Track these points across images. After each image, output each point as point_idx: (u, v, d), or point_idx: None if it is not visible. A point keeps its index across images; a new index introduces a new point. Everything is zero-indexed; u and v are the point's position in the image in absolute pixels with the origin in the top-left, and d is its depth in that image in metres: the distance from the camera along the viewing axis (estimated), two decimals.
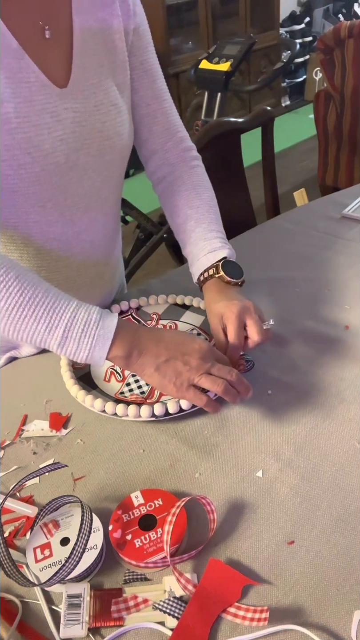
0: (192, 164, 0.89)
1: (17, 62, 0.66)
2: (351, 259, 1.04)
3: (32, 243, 0.77)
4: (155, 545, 0.56)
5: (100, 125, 0.75)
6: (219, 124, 1.41)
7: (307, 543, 0.57)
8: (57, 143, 0.70)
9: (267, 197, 1.60)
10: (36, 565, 0.54)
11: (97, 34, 0.74)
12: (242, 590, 0.52)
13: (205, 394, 0.66)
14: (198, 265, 0.82)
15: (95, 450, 0.69)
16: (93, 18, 0.73)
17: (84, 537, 0.54)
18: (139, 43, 0.80)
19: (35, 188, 0.71)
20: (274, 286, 0.98)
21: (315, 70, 4.82)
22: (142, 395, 0.75)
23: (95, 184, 0.78)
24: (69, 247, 0.81)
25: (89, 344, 0.62)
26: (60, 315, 0.62)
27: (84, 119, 0.73)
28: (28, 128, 0.67)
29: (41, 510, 0.59)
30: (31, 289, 0.62)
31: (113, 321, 0.64)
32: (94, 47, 0.74)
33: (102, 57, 0.75)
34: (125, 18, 0.76)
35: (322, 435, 0.69)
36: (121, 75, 0.78)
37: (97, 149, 0.75)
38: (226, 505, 0.61)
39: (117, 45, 0.76)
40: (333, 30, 2.42)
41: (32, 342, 0.63)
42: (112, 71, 0.76)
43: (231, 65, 2.19)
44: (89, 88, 0.73)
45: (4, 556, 0.53)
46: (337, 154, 2.73)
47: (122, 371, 0.79)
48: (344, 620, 0.50)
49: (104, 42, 0.75)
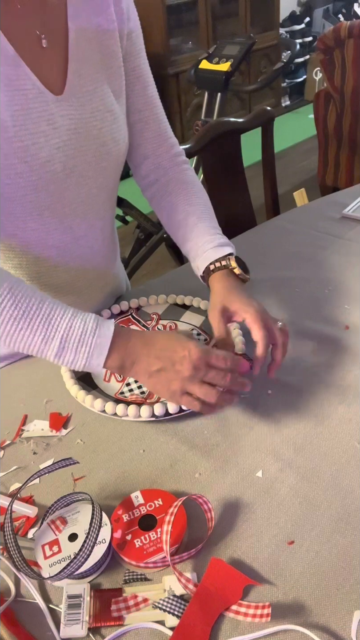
0: (184, 167, 0.90)
1: (14, 70, 0.66)
2: (351, 259, 1.04)
3: (30, 251, 0.77)
4: (155, 545, 0.56)
5: (97, 132, 0.74)
6: (219, 124, 1.41)
7: (307, 543, 0.57)
8: (54, 151, 0.70)
9: (267, 197, 1.60)
10: (45, 561, 0.55)
11: (92, 40, 0.73)
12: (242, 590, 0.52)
13: (198, 400, 0.64)
14: (205, 256, 0.80)
15: (95, 450, 0.69)
16: (88, 24, 0.73)
17: (95, 530, 0.54)
18: (132, 49, 0.80)
19: (32, 196, 0.71)
20: (274, 286, 0.98)
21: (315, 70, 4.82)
22: (142, 395, 0.75)
23: (92, 190, 0.78)
24: (67, 253, 0.81)
25: (86, 353, 0.62)
26: (57, 326, 0.61)
27: (80, 125, 0.72)
28: (25, 136, 0.67)
29: (50, 508, 0.59)
30: (25, 300, 0.61)
31: (110, 329, 0.63)
32: (90, 53, 0.73)
33: (97, 63, 0.75)
34: (119, 22, 0.76)
35: (322, 435, 0.69)
36: (117, 80, 0.78)
37: (94, 156, 0.75)
38: (226, 505, 0.61)
39: (113, 51, 0.76)
40: (333, 30, 2.42)
41: (29, 352, 0.63)
42: (107, 77, 0.76)
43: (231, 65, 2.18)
44: (85, 94, 0.73)
45: (14, 551, 0.54)
46: (337, 154, 2.74)
47: None
48: (344, 620, 0.50)
49: (100, 48, 0.75)
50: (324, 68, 2.56)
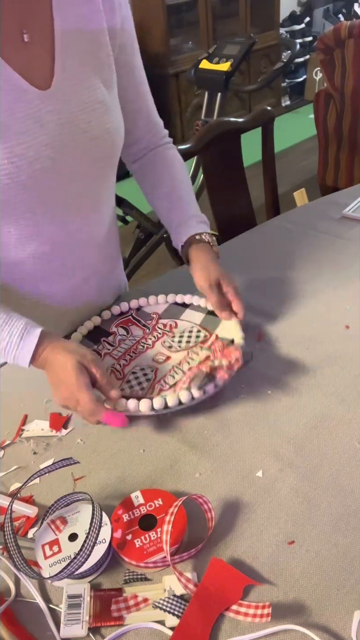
0: (169, 146, 0.97)
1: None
2: (351, 259, 1.04)
3: (26, 246, 0.77)
4: (155, 545, 0.56)
5: (86, 125, 0.73)
6: (219, 124, 1.41)
7: (307, 543, 0.57)
8: (42, 148, 0.69)
9: (267, 197, 1.59)
10: (45, 561, 0.55)
11: (79, 32, 0.72)
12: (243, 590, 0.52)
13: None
14: (189, 226, 0.89)
15: (95, 450, 0.69)
16: (74, 15, 0.71)
17: (95, 530, 0.55)
18: (126, 41, 0.79)
19: (23, 196, 0.70)
20: (274, 286, 0.98)
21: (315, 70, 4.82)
22: (142, 391, 0.75)
23: (85, 185, 0.78)
24: (63, 247, 0.81)
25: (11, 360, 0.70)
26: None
27: (68, 120, 0.71)
28: (10, 137, 0.66)
29: (50, 508, 0.59)
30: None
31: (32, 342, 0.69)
32: (76, 46, 0.72)
33: (85, 55, 0.73)
34: (109, 13, 0.75)
35: (322, 435, 0.69)
36: (107, 71, 0.77)
37: (84, 150, 0.74)
38: (226, 505, 0.61)
39: (101, 41, 0.75)
40: (333, 30, 2.42)
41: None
42: (96, 68, 0.75)
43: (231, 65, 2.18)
44: (72, 88, 0.72)
45: (14, 551, 0.54)
46: (337, 154, 2.73)
47: (123, 368, 0.80)
48: (344, 620, 0.50)
49: (87, 40, 0.73)
50: (324, 68, 2.56)
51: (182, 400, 0.70)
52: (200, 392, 0.71)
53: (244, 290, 0.85)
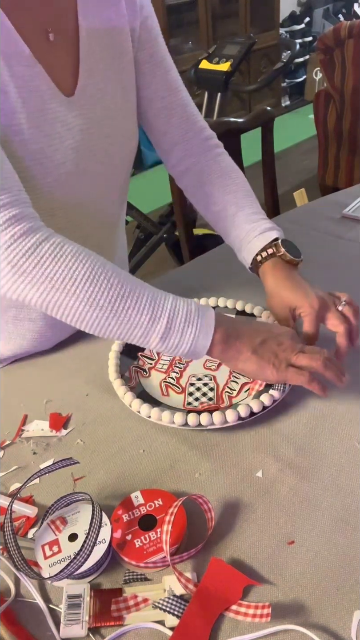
0: (216, 152, 0.86)
1: (28, 70, 0.64)
2: (351, 259, 1.04)
3: None
4: (155, 545, 0.56)
5: (108, 130, 0.73)
6: (219, 124, 1.41)
7: (307, 543, 0.57)
8: (69, 152, 0.69)
9: (267, 197, 1.60)
10: (45, 561, 0.55)
11: (103, 36, 0.72)
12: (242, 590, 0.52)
13: (306, 372, 0.64)
14: (250, 247, 0.78)
15: (95, 450, 0.69)
16: (99, 18, 0.71)
17: (95, 530, 0.54)
18: (147, 36, 0.78)
19: (46, 198, 0.70)
20: None
21: (315, 70, 4.82)
22: (210, 401, 0.73)
23: (102, 189, 0.78)
24: None
25: (193, 334, 0.61)
26: (162, 307, 0.61)
27: (92, 125, 0.71)
28: (40, 139, 0.66)
29: (50, 508, 0.59)
30: (129, 281, 0.62)
31: (210, 310, 0.64)
32: (100, 50, 0.72)
33: (108, 60, 0.73)
34: (131, 15, 0.74)
35: (322, 435, 0.69)
36: (127, 76, 0.76)
37: (105, 154, 0.74)
38: (226, 505, 0.61)
39: (124, 46, 0.74)
40: (333, 30, 2.42)
41: (130, 336, 0.61)
42: (118, 73, 0.75)
43: (231, 65, 2.18)
44: (97, 93, 0.72)
45: (14, 551, 0.54)
46: (337, 154, 2.73)
47: (178, 381, 0.76)
48: (344, 620, 0.50)
49: (111, 44, 0.73)
50: (323, 68, 2.56)
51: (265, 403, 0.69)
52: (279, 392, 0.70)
53: (244, 291, 0.85)
